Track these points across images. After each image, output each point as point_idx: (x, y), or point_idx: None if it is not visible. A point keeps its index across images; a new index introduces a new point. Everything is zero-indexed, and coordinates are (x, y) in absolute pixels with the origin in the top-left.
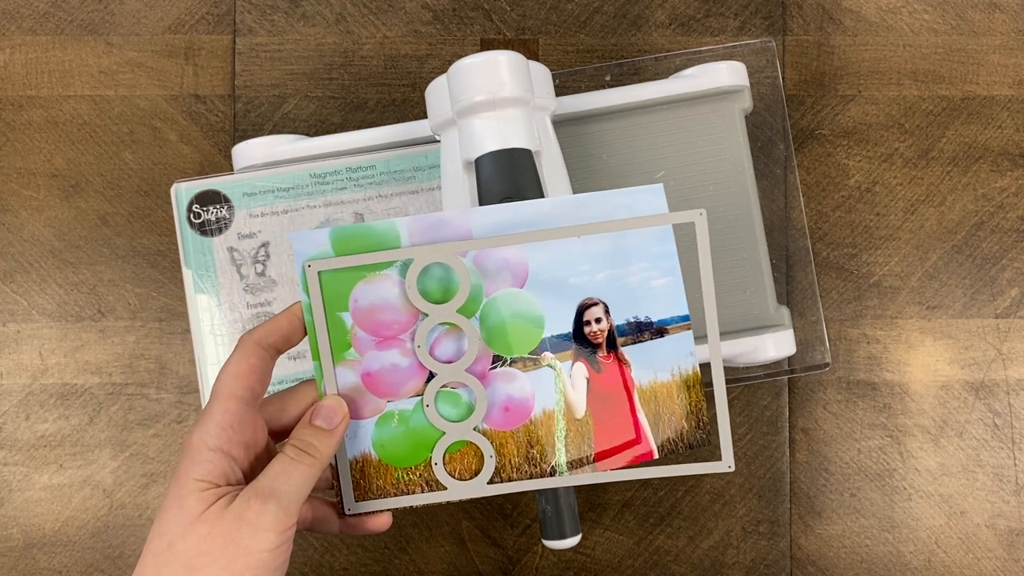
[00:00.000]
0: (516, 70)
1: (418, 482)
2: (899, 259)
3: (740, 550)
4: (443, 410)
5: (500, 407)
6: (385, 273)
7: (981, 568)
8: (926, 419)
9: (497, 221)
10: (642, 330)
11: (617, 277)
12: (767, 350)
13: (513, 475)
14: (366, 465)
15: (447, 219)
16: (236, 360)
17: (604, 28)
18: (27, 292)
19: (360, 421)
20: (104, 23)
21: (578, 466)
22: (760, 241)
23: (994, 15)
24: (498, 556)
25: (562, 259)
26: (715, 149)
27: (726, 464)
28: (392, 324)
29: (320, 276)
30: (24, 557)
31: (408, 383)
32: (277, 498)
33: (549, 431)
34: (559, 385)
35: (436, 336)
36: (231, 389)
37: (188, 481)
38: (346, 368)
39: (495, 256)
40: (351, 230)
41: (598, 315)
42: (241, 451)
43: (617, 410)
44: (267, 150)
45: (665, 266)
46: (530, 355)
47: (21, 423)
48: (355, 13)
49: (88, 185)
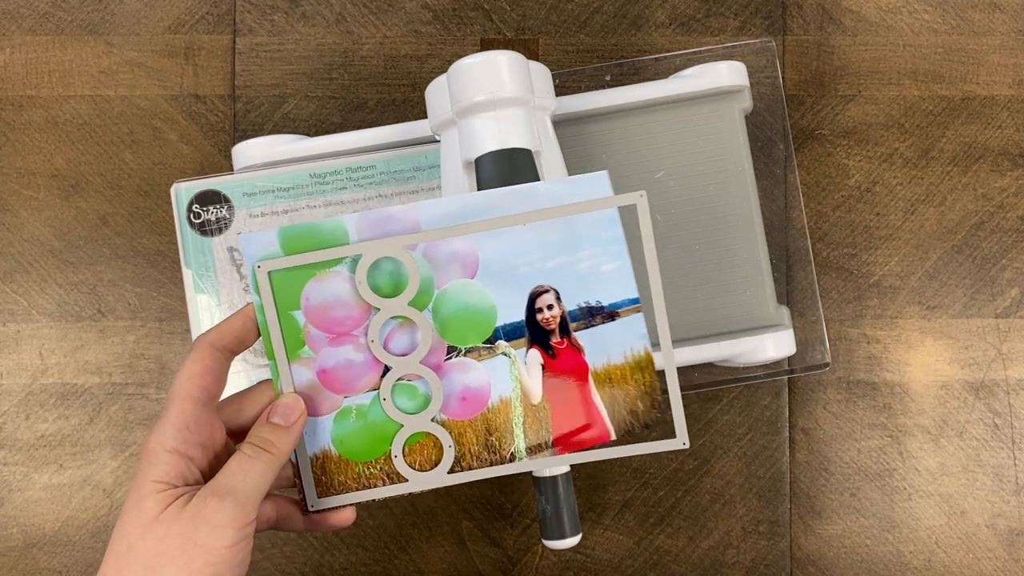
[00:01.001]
0: (516, 70)
1: (379, 475)
2: (899, 259)
3: (740, 550)
4: (400, 403)
5: (457, 397)
6: (335, 270)
7: (981, 568)
8: (926, 419)
9: (444, 213)
10: (594, 314)
11: (567, 264)
12: (767, 350)
13: (473, 463)
14: (327, 461)
15: (394, 213)
16: (190, 362)
17: (604, 28)
18: (27, 292)
19: (318, 418)
20: (104, 23)
21: (537, 451)
22: (760, 241)
23: (994, 15)
24: (498, 556)
25: (512, 248)
26: (715, 149)
27: (680, 441)
28: (345, 320)
29: (270, 276)
30: (24, 557)
31: (364, 378)
32: (234, 495)
33: (507, 418)
34: (514, 372)
35: (389, 330)
36: (186, 391)
37: (146, 483)
38: (301, 366)
39: (444, 248)
40: (299, 229)
41: (550, 301)
42: (198, 451)
43: (573, 394)
44: (267, 150)
45: (613, 251)
46: (484, 344)
47: (21, 423)
48: (355, 13)
49: (88, 185)
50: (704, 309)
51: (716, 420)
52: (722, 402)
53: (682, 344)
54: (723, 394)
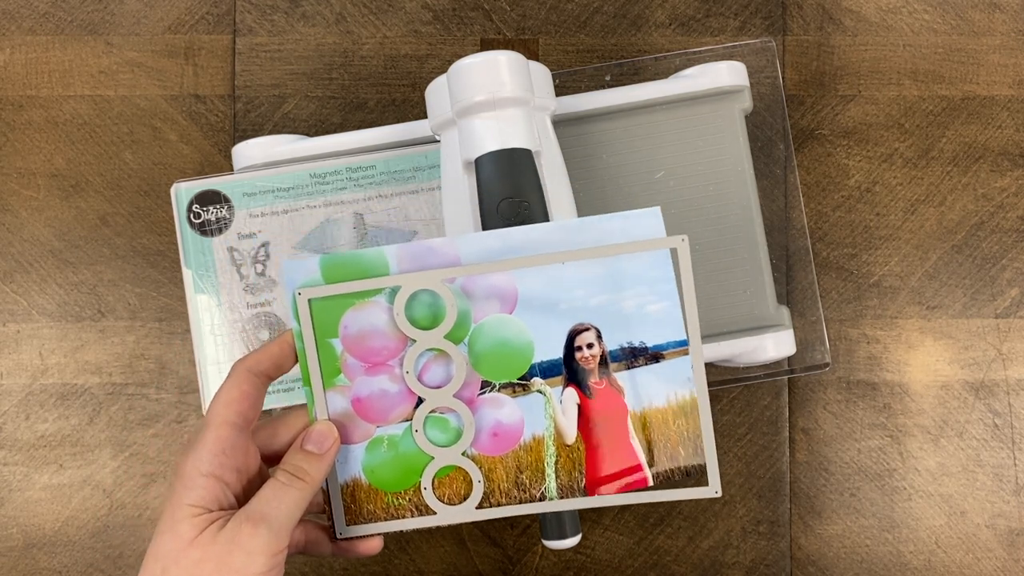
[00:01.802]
0: (516, 70)
1: (408, 507)
2: (899, 259)
3: (740, 550)
4: (432, 435)
5: (489, 432)
6: (374, 300)
7: (981, 568)
8: (926, 419)
9: (485, 248)
10: (636, 355)
11: (612, 302)
12: (767, 350)
13: (502, 500)
14: (357, 489)
15: (435, 246)
16: (228, 387)
17: (604, 28)
18: (27, 292)
19: (350, 446)
20: (104, 23)
21: (568, 492)
22: (760, 241)
23: (994, 15)
24: (498, 556)
25: (553, 284)
26: (715, 149)
27: (713, 490)
28: (381, 350)
29: (310, 303)
30: (24, 557)
31: (397, 408)
32: (268, 522)
33: (539, 457)
34: (549, 411)
35: (424, 362)
36: (223, 416)
37: (181, 507)
38: (336, 394)
39: (483, 282)
40: (340, 258)
41: (590, 340)
42: (233, 476)
43: (609, 436)
44: (267, 150)
45: (662, 290)
46: (519, 380)
47: (21, 423)
48: (355, 13)
49: (88, 185)
50: (704, 309)
51: (716, 420)
52: (722, 402)
53: None
54: (723, 394)
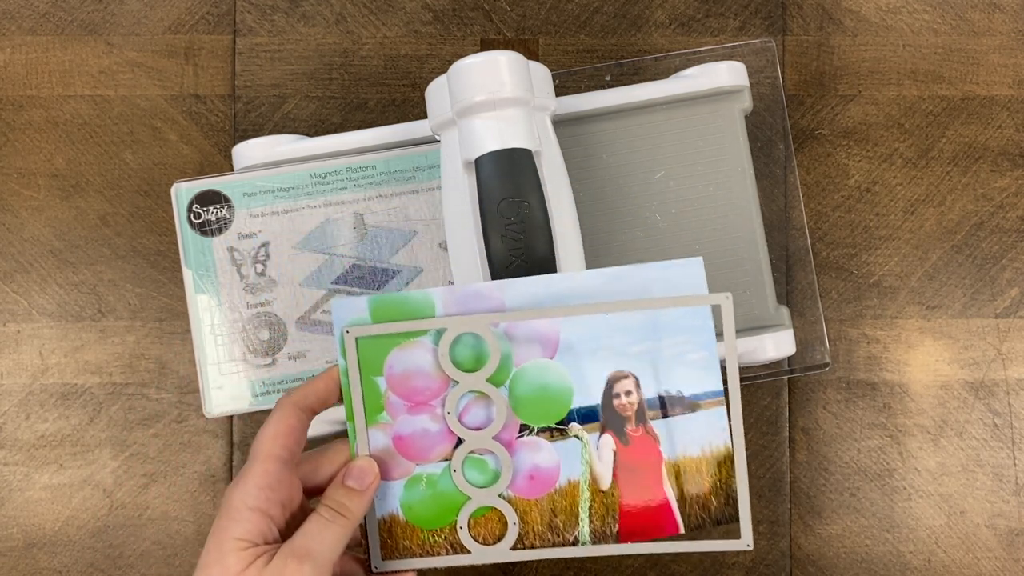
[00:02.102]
0: (516, 70)
1: (443, 544)
2: (899, 259)
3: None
4: (470, 475)
5: (526, 475)
6: (419, 341)
7: (981, 568)
8: (926, 419)
9: (530, 294)
10: (674, 405)
11: (652, 350)
12: (767, 350)
13: (536, 543)
14: (394, 525)
15: (481, 290)
16: (275, 421)
17: (604, 28)
18: (27, 292)
19: (389, 482)
20: (104, 23)
21: (601, 537)
22: (760, 241)
23: (994, 15)
24: None
25: (595, 331)
26: (715, 149)
27: (745, 543)
28: (424, 390)
29: (357, 342)
30: (24, 557)
31: (437, 448)
32: (313, 558)
33: (573, 501)
34: (585, 456)
35: (466, 403)
36: (270, 450)
37: (228, 540)
38: (378, 431)
39: (526, 327)
40: (388, 299)
41: (628, 388)
42: (278, 510)
43: (644, 484)
44: (267, 150)
45: (702, 340)
46: (557, 425)
47: (21, 423)
48: (355, 13)
49: (88, 185)
50: None
51: None
52: None
53: None
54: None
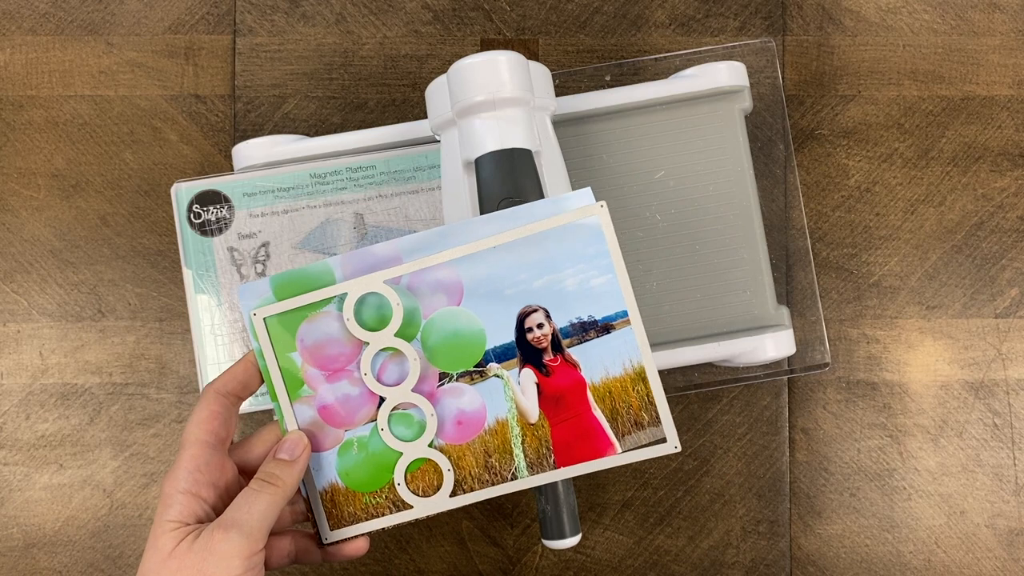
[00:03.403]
0: (516, 70)
1: (385, 504)
2: (899, 259)
3: (740, 550)
4: (397, 431)
5: (453, 422)
6: (325, 310)
7: (981, 568)
8: (926, 419)
9: (425, 244)
10: (587, 329)
11: (555, 281)
12: (767, 350)
13: (475, 485)
14: (335, 494)
15: (375, 250)
16: (199, 409)
17: (604, 28)
18: (27, 292)
19: (323, 453)
20: (104, 23)
21: (538, 467)
22: (760, 241)
23: (994, 15)
24: (498, 556)
25: (496, 272)
26: (715, 149)
27: (672, 445)
28: (338, 357)
29: (266, 322)
30: (24, 557)
31: (361, 410)
32: (239, 526)
33: (505, 439)
34: (508, 393)
35: (381, 362)
36: (195, 436)
37: (162, 523)
38: (303, 405)
39: (428, 278)
40: (289, 275)
41: (539, 320)
42: (210, 491)
43: (572, 410)
44: (267, 150)
45: (601, 265)
46: (476, 368)
47: (21, 423)
48: (355, 13)
49: (88, 185)
50: (704, 309)
51: (716, 420)
52: (722, 402)
53: (682, 344)
54: (723, 394)
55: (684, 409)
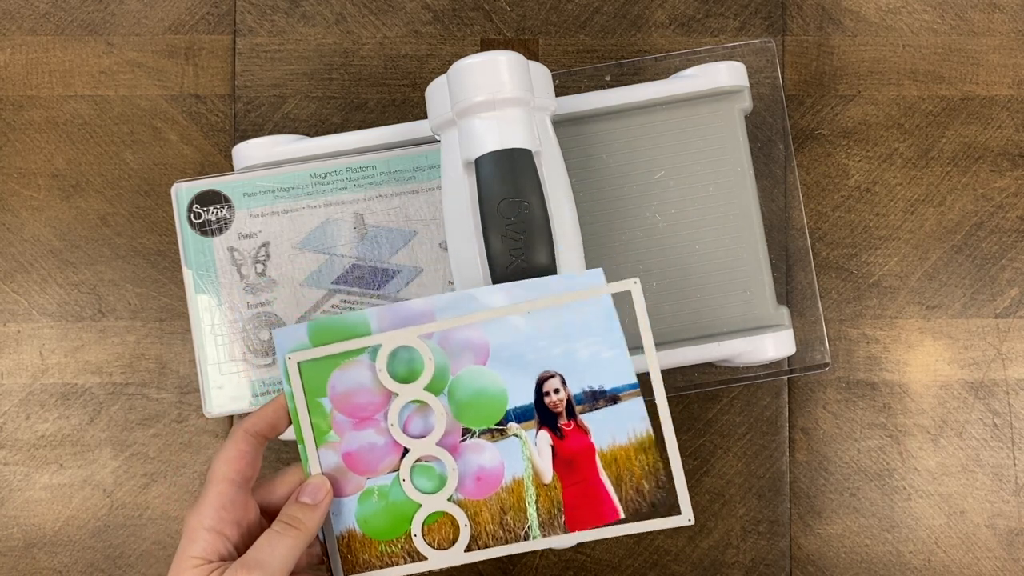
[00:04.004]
0: (516, 70)
1: (400, 554)
2: (899, 259)
3: (740, 550)
4: (419, 483)
5: (472, 477)
6: (358, 359)
7: (981, 568)
8: (926, 419)
9: (456, 305)
10: (597, 398)
11: (570, 351)
12: (767, 350)
13: (489, 541)
14: (352, 540)
15: (412, 306)
16: (227, 447)
17: (604, 28)
18: (27, 292)
19: (343, 499)
20: (104, 23)
21: (550, 529)
22: (760, 241)
23: (994, 15)
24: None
25: (519, 338)
26: (715, 149)
27: (685, 518)
28: (367, 406)
29: (300, 366)
30: (24, 557)
31: (385, 460)
32: (262, 567)
33: (520, 497)
34: (526, 452)
35: (408, 414)
36: (223, 473)
37: (185, 559)
38: (328, 449)
39: (458, 337)
40: (326, 322)
41: (556, 386)
42: (234, 529)
43: (582, 474)
44: (267, 150)
45: (611, 340)
46: (496, 426)
47: (21, 423)
48: (355, 13)
49: (88, 185)
50: (704, 309)
51: (716, 420)
52: (722, 402)
53: (682, 344)
54: (723, 394)
55: (684, 409)
